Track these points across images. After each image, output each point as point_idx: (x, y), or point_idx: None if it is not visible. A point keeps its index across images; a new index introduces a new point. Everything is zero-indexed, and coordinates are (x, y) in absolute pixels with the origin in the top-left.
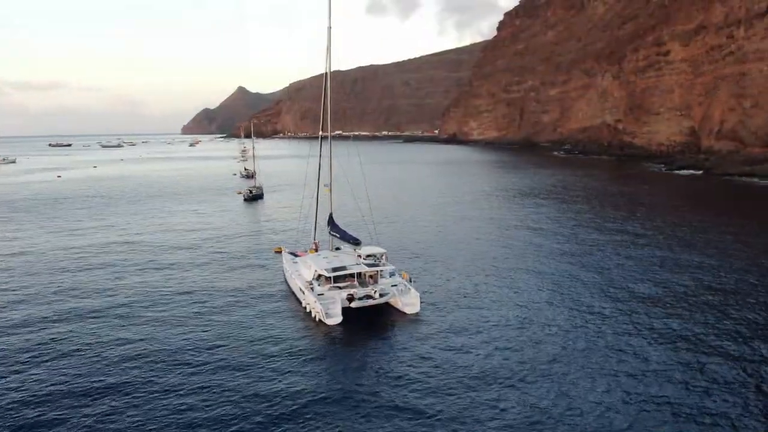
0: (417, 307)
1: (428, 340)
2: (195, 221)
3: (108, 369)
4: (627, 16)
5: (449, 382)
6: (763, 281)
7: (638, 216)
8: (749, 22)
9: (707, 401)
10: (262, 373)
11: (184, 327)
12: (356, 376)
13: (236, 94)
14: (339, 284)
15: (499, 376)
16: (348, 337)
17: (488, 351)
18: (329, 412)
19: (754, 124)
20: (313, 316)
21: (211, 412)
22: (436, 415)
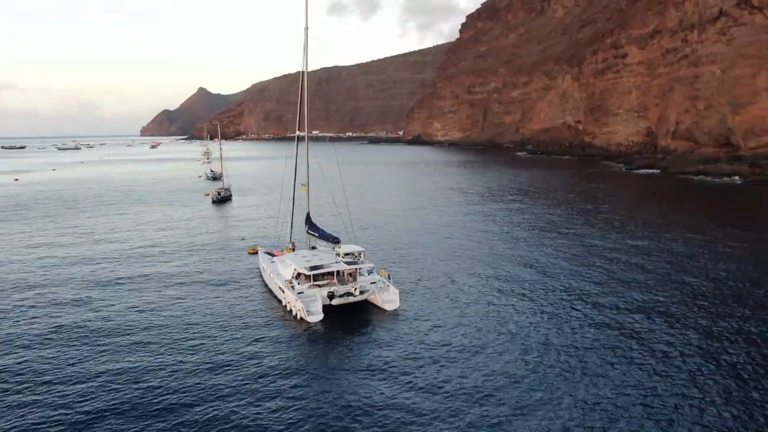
0: (396, 304)
1: (408, 335)
2: (164, 224)
3: (88, 382)
4: (585, 20)
5: (429, 377)
6: (720, 268)
7: (603, 213)
8: (702, 26)
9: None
10: (247, 371)
11: (162, 330)
12: (338, 372)
13: (197, 95)
14: (319, 282)
15: (476, 369)
16: (329, 334)
17: (465, 345)
18: (312, 408)
19: (707, 125)
20: (294, 314)
21: (194, 411)
22: (417, 408)
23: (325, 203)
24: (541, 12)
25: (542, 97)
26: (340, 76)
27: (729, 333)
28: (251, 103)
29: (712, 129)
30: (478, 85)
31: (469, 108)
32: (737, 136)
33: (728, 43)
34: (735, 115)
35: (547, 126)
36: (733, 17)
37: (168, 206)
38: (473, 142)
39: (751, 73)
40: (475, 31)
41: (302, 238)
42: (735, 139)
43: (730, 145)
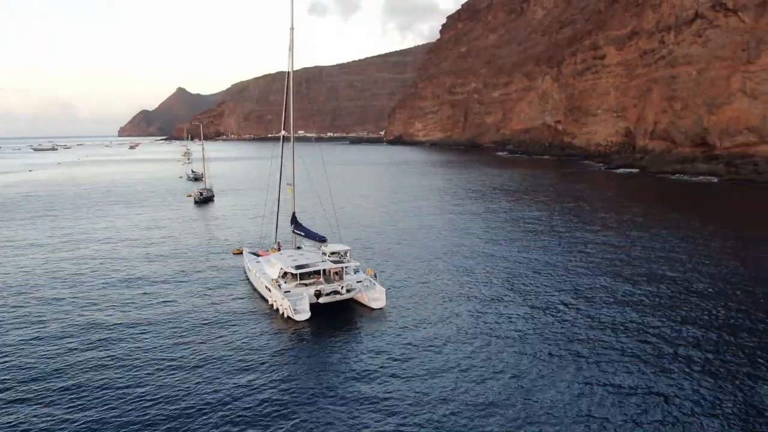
0: (383, 302)
1: (394, 333)
2: (146, 225)
3: (74, 375)
4: (564, 21)
5: (415, 372)
6: (697, 263)
7: (585, 212)
8: (678, 28)
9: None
10: (234, 370)
11: (151, 330)
12: (326, 369)
13: (176, 95)
14: (305, 281)
15: (461, 366)
16: (317, 332)
17: (449, 341)
18: (300, 405)
19: (684, 125)
20: (281, 312)
21: (183, 409)
22: (403, 405)
23: (310, 203)
24: (520, 13)
25: (522, 98)
26: (321, 76)
27: (710, 326)
28: (231, 104)
29: (689, 129)
30: (458, 86)
31: (450, 108)
32: (713, 136)
33: (704, 45)
34: (711, 115)
35: (528, 126)
36: (708, 19)
37: (150, 207)
38: (454, 142)
39: (726, 74)
40: (456, 32)
41: (287, 238)
42: (711, 139)
43: (706, 144)
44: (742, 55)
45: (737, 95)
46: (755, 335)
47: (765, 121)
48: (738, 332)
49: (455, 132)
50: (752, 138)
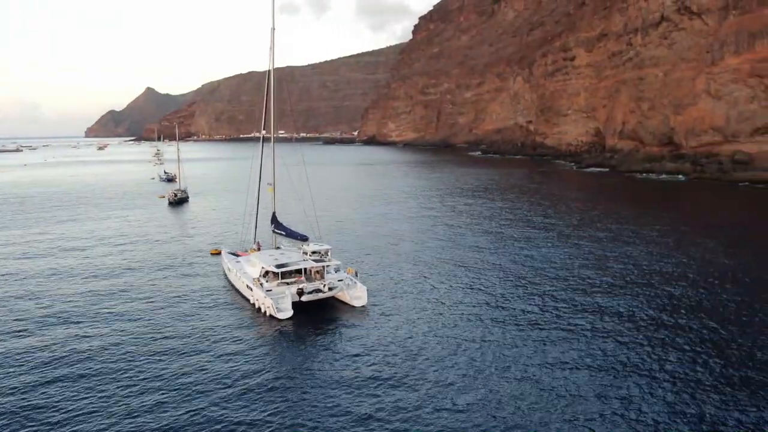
0: (364, 300)
1: (377, 330)
2: (120, 227)
3: (51, 393)
4: (535, 23)
5: (398, 369)
6: (666, 259)
7: (559, 210)
8: (645, 30)
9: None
10: (219, 369)
11: (130, 332)
12: (310, 367)
13: (144, 95)
14: (287, 280)
15: (442, 362)
16: (299, 331)
17: (430, 338)
18: (284, 404)
19: (651, 125)
20: (263, 311)
21: (169, 409)
22: (387, 398)
23: (289, 203)
24: (491, 14)
25: (494, 98)
26: (293, 76)
27: (681, 322)
28: (202, 104)
29: (656, 129)
30: (431, 86)
31: (422, 109)
32: (679, 135)
33: (669, 47)
34: (677, 115)
35: (500, 126)
36: (673, 22)
37: (123, 209)
38: (427, 142)
39: (691, 75)
40: (428, 33)
41: (267, 238)
42: (677, 139)
43: (672, 144)
44: (706, 57)
45: (702, 96)
46: (719, 321)
47: (728, 122)
48: (707, 320)
49: (428, 132)
50: (717, 138)
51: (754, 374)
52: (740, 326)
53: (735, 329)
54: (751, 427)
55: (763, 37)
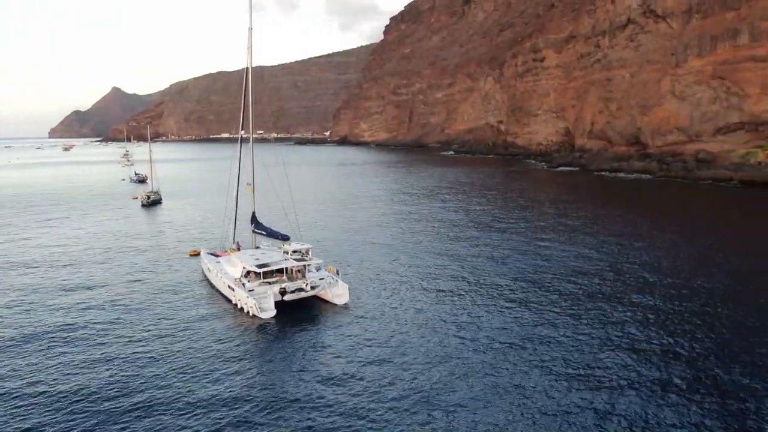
0: (346, 298)
1: (359, 327)
2: (94, 230)
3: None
4: (505, 24)
5: (381, 366)
6: (633, 255)
7: (534, 209)
8: (613, 32)
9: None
10: (204, 370)
11: (113, 333)
12: (294, 365)
13: (111, 95)
14: (268, 280)
15: (422, 358)
16: (283, 329)
17: (411, 334)
18: (271, 399)
19: (619, 125)
20: (246, 311)
21: (153, 409)
22: (371, 395)
23: (269, 203)
24: (462, 15)
25: (465, 99)
26: (263, 76)
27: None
28: (170, 104)
29: (624, 129)
30: (403, 87)
31: (394, 109)
32: (646, 135)
33: (636, 49)
34: (643, 116)
35: (471, 126)
36: (639, 25)
37: (95, 211)
38: (399, 142)
39: (657, 77)
40: (399, 33)
41: (246, 238)
42: (644, 138)
43: (639, 143)
44: (671, 59)
45: (667, 97)
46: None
47: (692, 122)
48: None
49: (400, 132)
50: (681, 137)
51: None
52: (700, 305)
53: (697, 310)
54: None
55: (725, 40)
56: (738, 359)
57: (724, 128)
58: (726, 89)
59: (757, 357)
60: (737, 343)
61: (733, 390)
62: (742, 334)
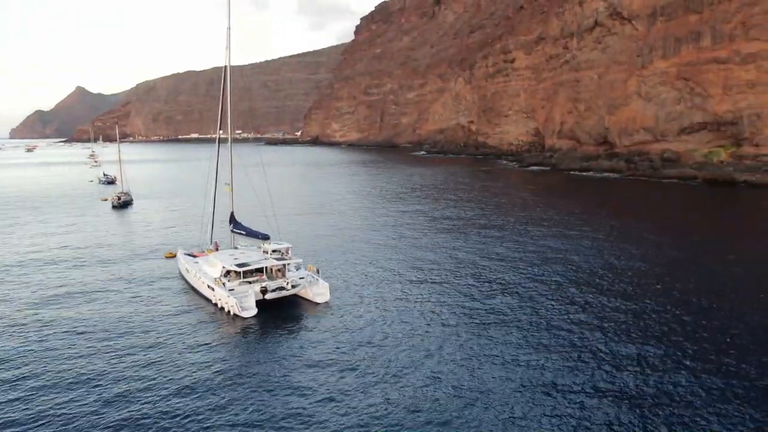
0: (327, 296)
1: (340, 325)
2: (63, 233)
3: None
4: (475, 26)
5: (362, 363)
6: (606, 252)
7: (509, 207)
8: (580, 35)
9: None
10: (187, 370)
11: (92, 340)
12: (277, 363)
13: (75, 95)
14: (248, 279)
15: (402, 355)
16: (264, 328)
17: (392, 332)
18: (255, 398)
19: (587, 126)
20: (227, 311)
21: (137, 410)
22: (349, 393)
23: (246, 203)
24: (432, 16)
25: (436, 99)
26: (233, 75)
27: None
28: (137, 104)
29: (592, 129)
30: (374, 87)
31: (366, 109)
32: (613, 135)
33: (603, 51)
34: (611, 116)
35: (442, 127)
36: (606, 27)
37: (64, 213)
38: (371, 142)
39: (624, 78)
40: (370, 33)
41: (224, 238)
42: (611, 138)
43: (607, 143)
44: (637, 61)
45: (633, 97)
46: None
47: (658, 122)
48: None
49: (372, 132)
50: (647, 137)
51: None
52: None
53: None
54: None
55: (688, 42)
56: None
57: (688, 128)
58: (690, 90)
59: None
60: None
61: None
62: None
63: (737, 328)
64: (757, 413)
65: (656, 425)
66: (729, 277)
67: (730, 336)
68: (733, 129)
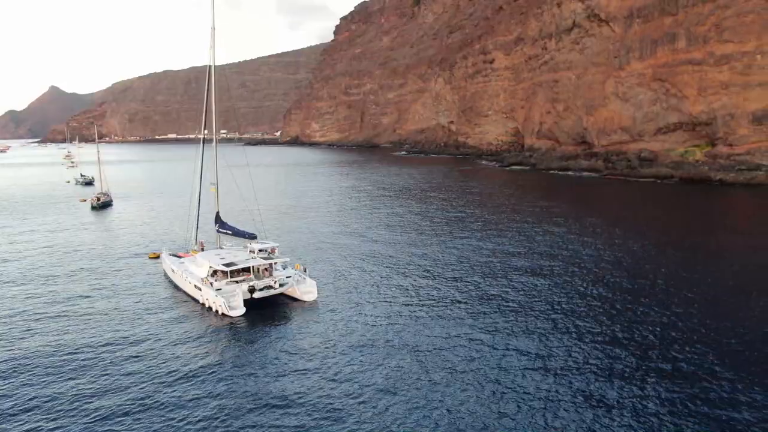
0: (314, 295)
1: (328, 322)
2: (44, 236)
3: None
4: (454, 26)
5: (349, 361)
6: (584, 249)
7: (493, 206)
8: (559, 36)
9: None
10: (179, 369)
11: (80, 340)
12: (266, 360)
13: (48, 94)
14: (236, 278)
15: (389, 352)
16: (253, 327)
17: (378, 329)
18: (246, 395)
19: (566, 125)
20: (215, 310)
21: (125, 410)
22: (337, 390)
23: (231, 203)
24: (412, 17)
25: (417, 99)
26: (215, 75)
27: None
28: (114, 104)
29: (571, 129)
30: (354, 87)
31: (346, 109)
32: (591, 135)
33: (581, 52)
34: (589, 116)
35: (423, 127)
36: (584, 28)
37: (43, 215)
38: (351, 142)
39: (601, 79)
40: (350, 33)
41: (209, 238)
42: (590, 138)
43: (586, 143)
44: (614, 62)
45: (611, 98)
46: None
47: (635, 122)
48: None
49: (352, 132)
50: (625, 137)
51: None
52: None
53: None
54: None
55: (664, 43)
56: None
57: (664, 128)
58: (665, 91)
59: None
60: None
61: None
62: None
63: (711, 318)
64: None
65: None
66: (701, 270)
67: (704, 325)
68: (708, 129)
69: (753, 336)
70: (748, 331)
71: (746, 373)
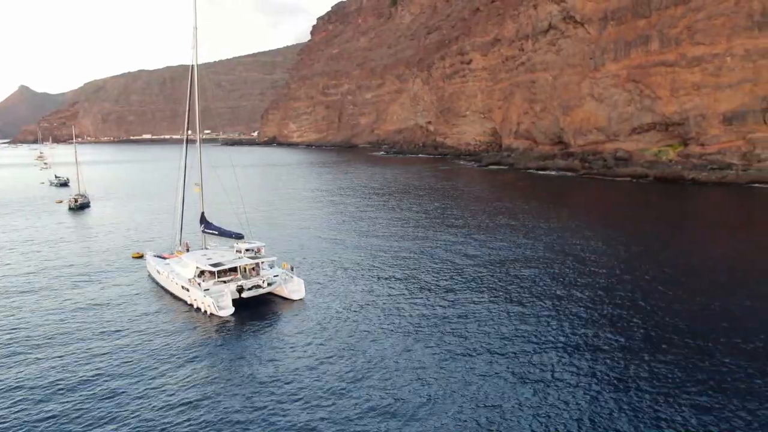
0: (302, 293)
1: (316, 320)
2: (19, 238)
3: None
4: (432, 27)
5: (338, 360)
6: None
7: (474, 205)
8: (535, 37)
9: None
10: (171, 370)
11: (68, 342)
12: (257, 359)
13: (18, 94)
14: (223, 278)
15: (377, 350)
16: (242, 326)
17: (366, 327)
18: (238, 395)
19: (543, 126)
20: (203, 310)
21: (119, 413)
22: (325, 389)
23: (217, 203)
24: (389, 17)
25: (395, 100)
26: (186, 75)
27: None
28: (86, 104)
29: (548, 129)
30: (332, 87)
31: (324, 109)
32: (568, 135)
33: (557, 53)
34: (565, 116)
35: (401, 127)
36: (560, 30)
37: (18, 217)
38: (329, 143)
39: (577, 80)
40: (327, 34)
41: (193, 239)
42: (566, 138)
43: (562, 143)
44: (590, 63)
45: (587, 99)
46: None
47: (610, 122)
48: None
49: (330, 133)
50: (600, 137)
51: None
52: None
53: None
54: None
55: (638, 45)
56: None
57: (639, 128)
58: (639, 92)
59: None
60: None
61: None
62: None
63: (686, 311)
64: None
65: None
66: (674, 265)
67: (678, 317)
68: (680, 129)
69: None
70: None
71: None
